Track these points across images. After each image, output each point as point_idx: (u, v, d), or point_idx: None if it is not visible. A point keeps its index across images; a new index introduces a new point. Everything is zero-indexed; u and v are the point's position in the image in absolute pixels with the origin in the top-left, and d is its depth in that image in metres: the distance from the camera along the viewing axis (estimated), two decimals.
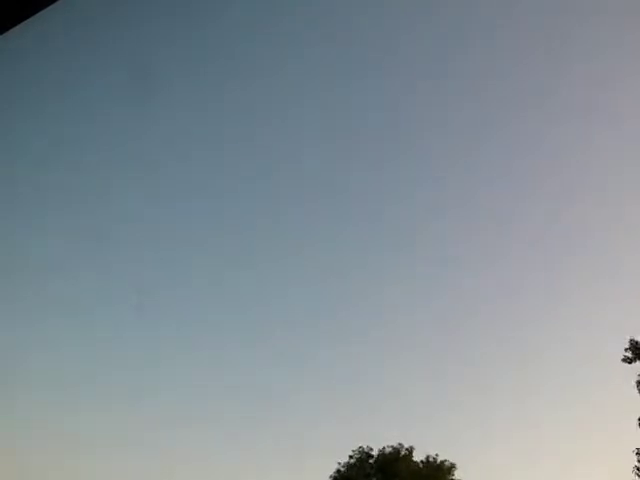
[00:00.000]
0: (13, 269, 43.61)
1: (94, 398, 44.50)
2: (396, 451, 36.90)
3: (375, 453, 37.42)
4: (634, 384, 29.51)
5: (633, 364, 29.17)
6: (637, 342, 29.11)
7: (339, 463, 37.20)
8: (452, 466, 36.54)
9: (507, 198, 49.11)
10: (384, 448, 37.13)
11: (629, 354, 29.17)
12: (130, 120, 44.31)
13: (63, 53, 35.93)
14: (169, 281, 49.86)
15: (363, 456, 37.27)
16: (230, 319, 50.79)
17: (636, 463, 28.77)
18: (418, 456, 37.18)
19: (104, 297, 47.62)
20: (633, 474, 28.61)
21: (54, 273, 46.33)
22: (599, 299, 48.41)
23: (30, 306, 45.21)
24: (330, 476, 37.14)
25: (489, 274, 49.59)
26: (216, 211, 50.03)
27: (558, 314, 48.12)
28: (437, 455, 36.87)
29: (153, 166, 47.11)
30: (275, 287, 51.12)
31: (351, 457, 37.32)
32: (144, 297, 44.85)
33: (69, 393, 44.61)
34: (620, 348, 29.72)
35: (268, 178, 49.36)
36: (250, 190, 49.85)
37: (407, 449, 37.02)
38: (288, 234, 50.65)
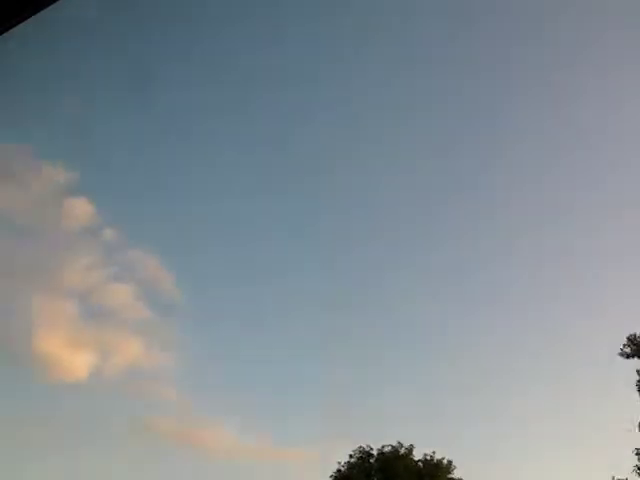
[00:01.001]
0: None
1: None
2: (395, 450, 36.73)
3: (374, 452, 37.28)
4: (634, 382, 29.45)
5: (630, 359, 29.06)
6: (635, 337, 28.90)
7: (339, 463, 37.12)
8: (450, 464, 36.47)
9: (508, 197, 49.28)
10: (383, 447, 37.01)
11: (627, 349, 29.00)
12: (130, 118, 44.54)
13: (63, 53, 36.02)
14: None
15: (364, 455, 37.11)
16: (230, 319, 50.97)
17: (637, 462, 28.72)
18: (417, 455, 37.12)
19: None
20: (633, 474, 28.59)
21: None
22: (600, 298, 48.56)
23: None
24: (330, 476, 36.93)
25: (489, 273, 49.72)
26: (215, 210, 50.19)
27: (558, 314, 48.26)
28: (434, 453, 36.82)
29: (153, 165, 47.26)
30: (273, 284, 51.30)
31: (351, 457, 37.15)
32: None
33: None
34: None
35: (268, 176, 49.60)
36: (250, 189, 50.04)
37: (407, 448, 36.83)
38: (288, 230, 50.89)
